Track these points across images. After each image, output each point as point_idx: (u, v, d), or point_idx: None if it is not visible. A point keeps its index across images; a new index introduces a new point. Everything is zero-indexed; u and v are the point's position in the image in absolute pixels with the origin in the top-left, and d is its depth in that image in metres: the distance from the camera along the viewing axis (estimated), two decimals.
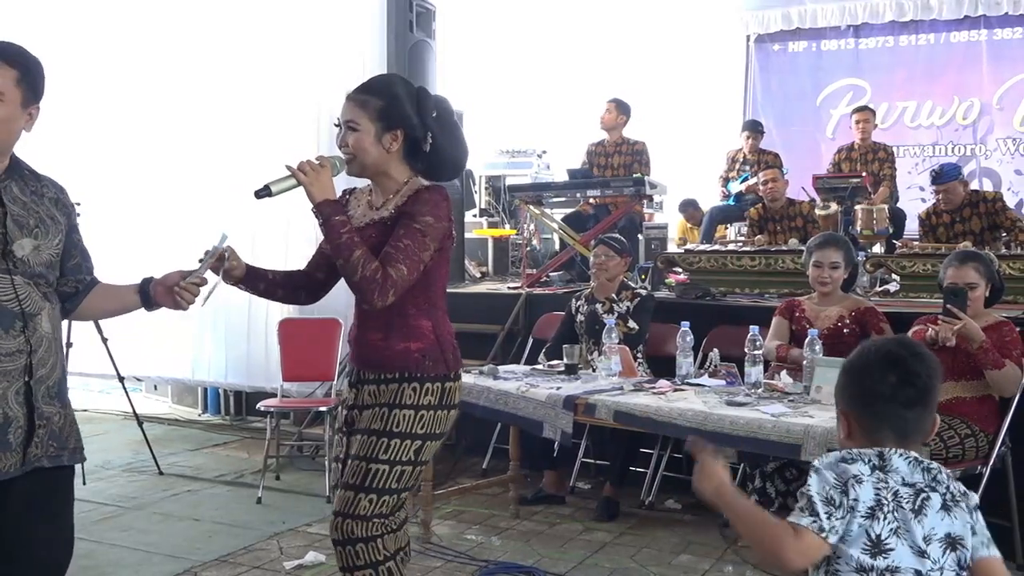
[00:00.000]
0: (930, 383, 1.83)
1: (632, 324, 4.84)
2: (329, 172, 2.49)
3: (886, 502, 1.72)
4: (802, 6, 10.45)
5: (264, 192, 2.48)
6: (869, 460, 1.77)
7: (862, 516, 1.72)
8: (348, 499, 2.50)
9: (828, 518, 1.73)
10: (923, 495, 1.74)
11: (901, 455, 1.77)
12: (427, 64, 6.86)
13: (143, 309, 2.51)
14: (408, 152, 2.58)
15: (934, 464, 1.79)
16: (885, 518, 1.72)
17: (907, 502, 1.73)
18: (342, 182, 2.65)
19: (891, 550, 1.71)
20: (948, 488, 1.76)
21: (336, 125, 2.59)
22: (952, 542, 1.73)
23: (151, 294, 2.47)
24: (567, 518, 4.70)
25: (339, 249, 2.42)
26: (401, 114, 2.53)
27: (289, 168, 2.49)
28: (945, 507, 1.74)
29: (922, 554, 1.71)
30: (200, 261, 2.55)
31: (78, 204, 5.30)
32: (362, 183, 2.73)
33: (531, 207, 7.05)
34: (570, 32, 11.08)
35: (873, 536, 1.72)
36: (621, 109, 7.41)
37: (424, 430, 2.54)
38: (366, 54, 6.56)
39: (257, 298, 7.04)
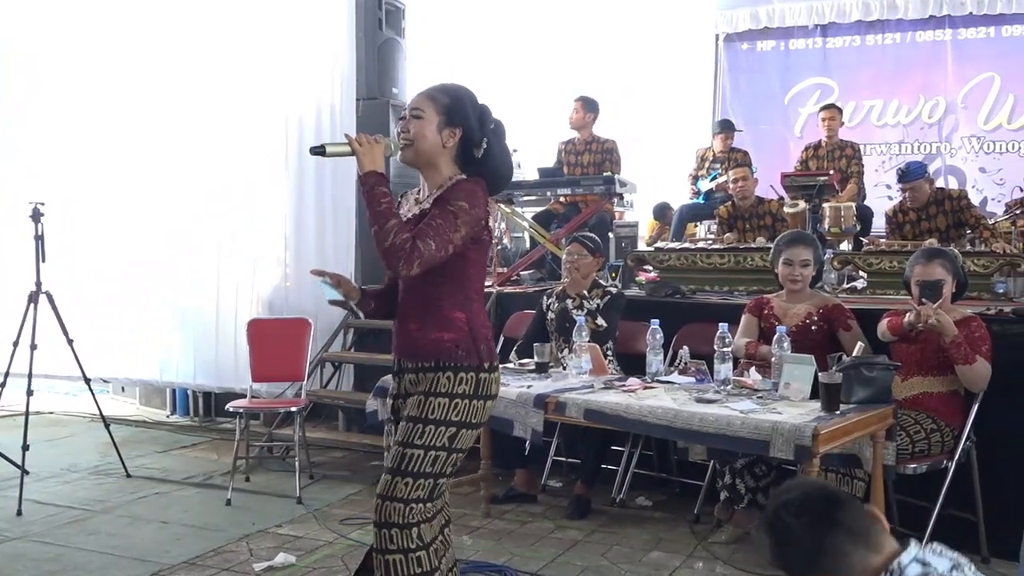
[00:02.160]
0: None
1: (600, 321, 4.85)
2: (382, 148, 2.62)
3: None
4: (770, 5, 10.51)
5: (319, 150, 2.65)
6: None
7: None
8: (387, 482, 2.62)
9: None
10: None
11: (918, 562, 1.71)
12: (397, 62, 6.84)
13: None
14: (460, 157, 2.72)
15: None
16: None
17: None
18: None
19: None
20: None
21: (401, 118, 2.75)
22: None
23: None
24: (538, 516, 4.70)
25: (376, 216, 2.53)
26: (464, 115, 2.69)
27: (348, 136, 2.63)
28: None
29: None
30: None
31: (42, 204, 5.34)
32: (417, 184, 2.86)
33: (501, 206, 7.04)
34: (541, 30, 11.07)
35: None
36: (588, 107, 7.40)
37: (459, 418, 2.65)
38: (336, 52, 6.54)
39: (225, 298, 7.08)
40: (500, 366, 2.84)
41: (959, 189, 6.49)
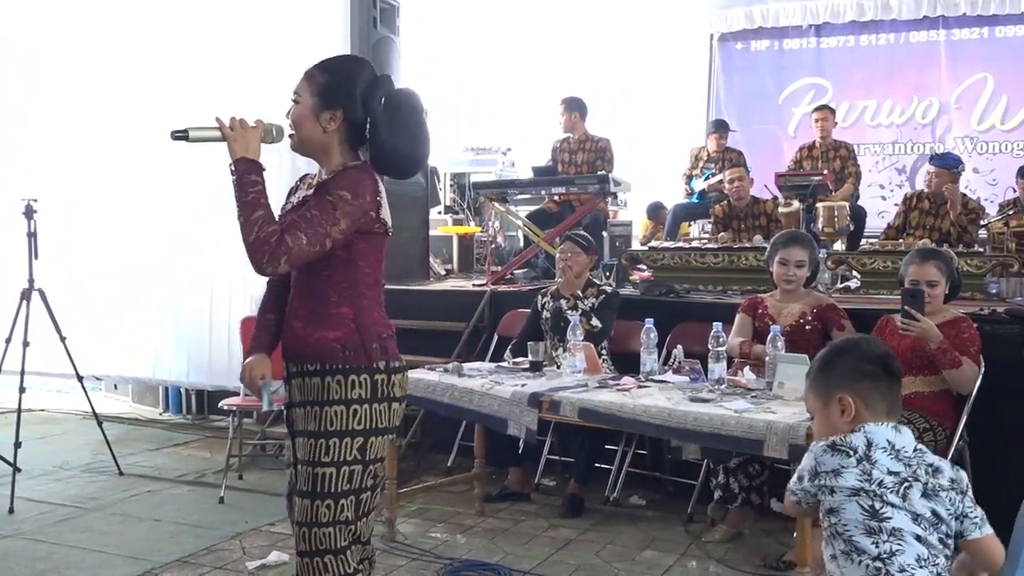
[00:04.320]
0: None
1: (595, 322, 4.85)
2: (258, 134, 2.41)
3: (868, 487, 2.06)
4: (764, 5, 10.53)
5: (181, 134, 2.38)
6: (855, 452, 2.09)
7: (844, 494, 2.07)
8: (306, 508, 2.39)
9: (797, 484, 2.18)
10: (905, 484, 2.06)
11: (883, 449, 2.09)
12: (391, 60, 6.82)
13: None
14: (355, 139, 2.49)
15: (915, 455, 2.10)
16: (872, 495, 2.05)
17: (891, 491, 2.06)
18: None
19: (888, 518, 2.04)
20: (927, 482, 2.07)
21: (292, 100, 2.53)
22: (936, 520, 2.06)
23: None
24: (532, 515, 4.70)
25: (242, 207, 2.31)
26: (343, 94, 2.44)
27: (218, 120, 2.39)
28: (926, 495, 2.06)
29: (916, 520, 2.04)
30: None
31: (35, 201, 5.32)
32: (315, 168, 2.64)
33: (496, 204, 7.04)
34: (535, 29, 11.07)
35: (867, 507, 2.06)
36: (570, 107, 7.39)
37: (362, 425, 2.40)
38: (330, 50, 6.49)
39: (219, 296, 7.05)
40: (405, 364, 2.54)
41: (978, 203, 6.43)
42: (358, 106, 2.44)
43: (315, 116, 2.44)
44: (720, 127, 8.42)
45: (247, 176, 2.35)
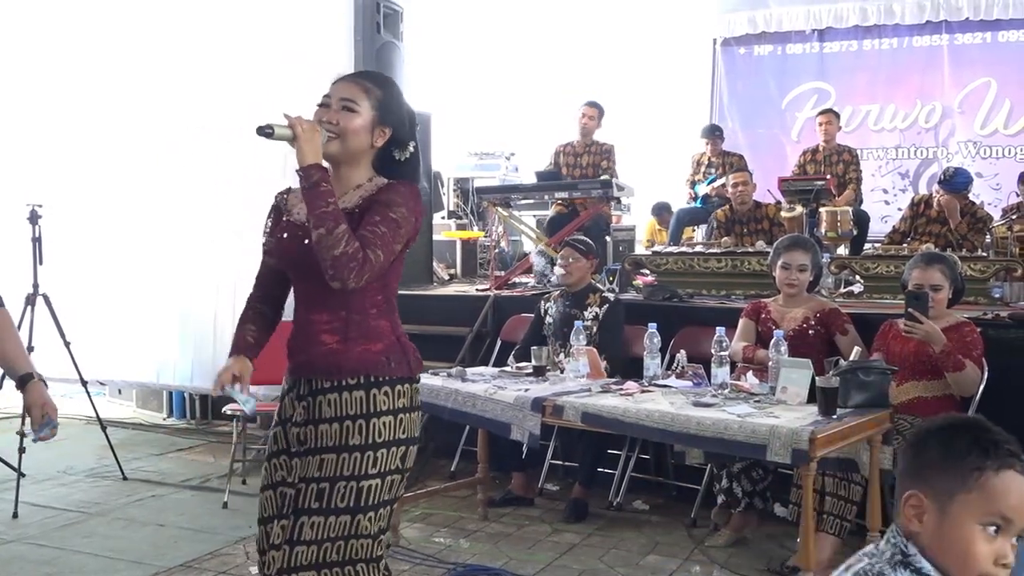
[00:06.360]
0: None
1: (597, 335, 4.84)
2: (319, 138, 2.35)
3: None
4: (767, 10, 10.54)
5: (267, 130, 2.34)
6: None
7: None
8: (344, 523, 2.32)
9: None
10: None
11: None
12: (395, 66, 6.83)
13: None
14: (379, 157, 2.49)
15: None
16: None
17: None
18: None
19: None
20: None
21: (321, 104, 2.45)
22: None
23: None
24: (535, 520, 4.70)
25: (323, 218, 2.25)
26: (396, 113, 2.45)
27: (288, 117, 2.35)
28: None
29: None
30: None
31: (40, 207, 5.32)
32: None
33: (499, 209, 7.05)
34: (539, 34, 11.10)
35: None
36: (601, 112, 7.46)
37: (406, 435, 2.41)
38: (333, 55, 6.54)
39: (223, 301, 7.02)
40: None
41: (987, 213, 6.40)
42: (406, 128, 2.47)
43: (371, 129, 2.41)
44: (711, 133, 8.39)
45: (323, 185, 2.29)
